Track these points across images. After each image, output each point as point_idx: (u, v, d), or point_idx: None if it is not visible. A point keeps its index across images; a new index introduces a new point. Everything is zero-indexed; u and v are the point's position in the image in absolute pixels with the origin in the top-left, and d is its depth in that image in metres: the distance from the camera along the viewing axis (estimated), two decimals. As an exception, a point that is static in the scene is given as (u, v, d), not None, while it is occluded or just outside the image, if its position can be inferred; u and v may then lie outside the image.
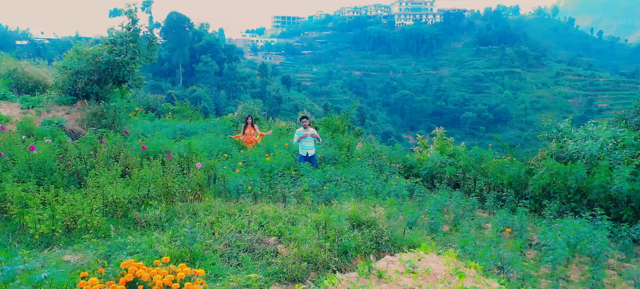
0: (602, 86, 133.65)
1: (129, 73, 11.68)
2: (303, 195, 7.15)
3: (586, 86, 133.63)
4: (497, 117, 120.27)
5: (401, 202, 8.13)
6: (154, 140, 8.99)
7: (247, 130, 12.69)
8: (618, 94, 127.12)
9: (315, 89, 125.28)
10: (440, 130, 13.21)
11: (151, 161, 7.23)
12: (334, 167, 10.69)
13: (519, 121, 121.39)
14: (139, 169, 6.94)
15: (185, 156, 7.88)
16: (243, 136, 12.55)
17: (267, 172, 9.84)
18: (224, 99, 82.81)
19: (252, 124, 12.77)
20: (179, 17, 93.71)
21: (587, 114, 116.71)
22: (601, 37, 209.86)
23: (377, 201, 6.40)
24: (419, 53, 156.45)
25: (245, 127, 12.77)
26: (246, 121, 12.84)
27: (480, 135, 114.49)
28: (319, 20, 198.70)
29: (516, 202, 8.36)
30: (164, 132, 13.79)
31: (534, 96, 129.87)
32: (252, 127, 12.72)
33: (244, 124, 12.90)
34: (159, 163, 6.90)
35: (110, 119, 10.81)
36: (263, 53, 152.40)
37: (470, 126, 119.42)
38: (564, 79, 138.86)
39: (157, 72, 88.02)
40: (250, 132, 12.63)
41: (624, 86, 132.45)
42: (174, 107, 19.48)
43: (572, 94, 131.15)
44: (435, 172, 10.54)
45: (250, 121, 12.79)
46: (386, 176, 9.89)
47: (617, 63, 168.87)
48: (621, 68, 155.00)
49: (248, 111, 16.30)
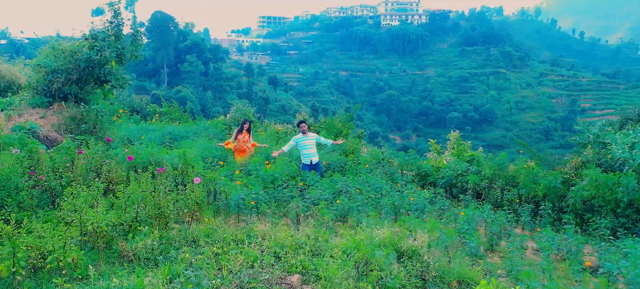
0: (584, 86, 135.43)
1: (111, 72, 10.45)
2: (321, 214, 6.10)
3: (569, 86, 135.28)
4: (482, 117, 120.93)
5: (424, 217, 7.15)
6: (142, 149, 7.81)
7: (240, 136, 10.99)
8: (600, 94, 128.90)
9: (302, 89, 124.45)
10: (456, 133, 12.09)
11: (139, 174, 6.10)
12: (343, 176, 9.67)
13: (504, 120, 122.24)
14: (126, 185, 5.81)
15: (179, 168, 6.75)
16: (235, 144, 10.90)
17: (269, 182, 8.77)
18: (211, 100, 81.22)
19: (248, 130, 11.10)
20: (164, 16, 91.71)
21: (571, 114, 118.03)
22: (583, 38, 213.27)
23: (414, 223, 5.39)
24: (405, 53, 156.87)
25: (239, 133, 11.03)
26: (242, 126, 11.09)
27: (466, 135, 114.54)
28: (305, 20, 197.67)
29: (554, 217, 7.45)
30: (152, 137, 12.59)
31: (518, 96, 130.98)
32: (247, 133, 11.08)
33: (238, 130, 11.13)
34: (148, 177, 5.78)
35: (91, 123, 9.58)
36: (249, 53, 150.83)
37: (456, 126, 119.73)
38: (547, 79, 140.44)
39: (141, 72, 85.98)
40: (244, 139, 10.99)
41: (606, 86, 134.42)
42: (161, 110, 18.23)
43: (556, 94, 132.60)
44: (454, 181, 9.55)
45: (248, 126, 11.11)
46: (401, 186, 8.92)
47: (598, 64, 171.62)
48: (602, 68, 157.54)
49: (242, 114, 15.15)
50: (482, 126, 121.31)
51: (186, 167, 6.69)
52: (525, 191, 8.26)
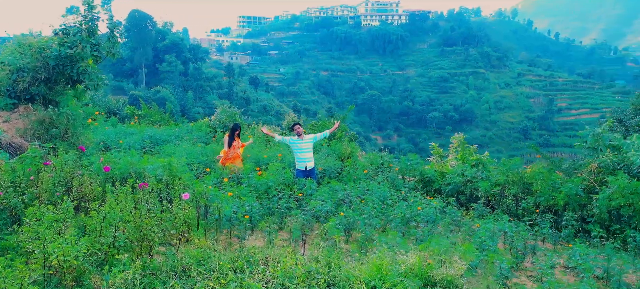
0: (561, 86, 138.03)
1: (86, 71, 9.41)
2: (330, 233, 5.32)
3: (546, 86, 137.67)
4: (462, 117, 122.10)
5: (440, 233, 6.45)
6: (120, 157, 6.87)
7: (234, 143, 9.97)
8: (576, 94, 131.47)
9: (283, 89, 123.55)
10: (460, 136, 11.39)
11: (118, 187, 5.22)
12: (341, 183, 8.93)
13: (484, 120, 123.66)
14: (101, 202, 4.93)
15: (164, 181, 5.86)
16: (229, 151, 9.94)
17: (262, 192, 7.97)
18: (191, 100, 79.50)
19: (238, 135, 10.15)
20: (141, 15, 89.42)
21: (548, 113, 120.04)
22: (558, 39, 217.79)
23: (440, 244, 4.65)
24: (386, 53, 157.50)
25: (232, 140, 10.01)
26: (233, 133, 10.12)
27: (446, 135, 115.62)
28: (286, 20, 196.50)
29: (578, 228, 6.84)
30: (131, 141, 11.60)
31: (497, 96, 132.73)
32: (238, 139, 10.13)
33: (229, 137, 10.13)
34: (128, 192, 4.91)
35: (62, 128, 8.56)
36: (229, 53, 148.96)
37: (436, 125, 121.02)
38: (525, 79, 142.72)
39: (118, 72, 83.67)
40: (238, 145, 10.09)
41: (582, 86, 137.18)
42: (140, 112, 17.14)
43: (533, 94, 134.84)
44: (462, 188, 8.88)
45: (239, 131, 10.20)
46: (404, 193, 8.22)
47: (573, 64, 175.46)
48: (577, 69, 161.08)
49: (227, 116, 14.25)
50: (462, 126, 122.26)
51: (172, 179, 5.82)
52: (543, 199, 7.64)
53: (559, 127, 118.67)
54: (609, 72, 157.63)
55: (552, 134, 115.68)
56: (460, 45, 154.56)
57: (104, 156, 6.26)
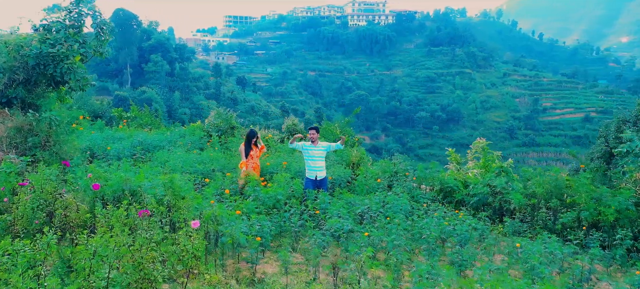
0: (545, 85, 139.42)
1: (71, 70, 8.39)
2: (366, 266, 4.50)
3: (531, 85, 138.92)
4: (449, 117, 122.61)
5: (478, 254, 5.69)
6: (111, 171, 5.91)
7: (252, 152, 8.85)
8: (561, 94, 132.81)
9: (270, 89, 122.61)
10: (482, 141, 10.49)
11: (109, 210, 4.33)
12: (353, 194, 8.12)
13: (471, 120, 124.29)
14: (90, 230, 4.04)
15: (165, 202, 4.94)
16: (248, 163, 8.77)
17: (270, 206, 7.12)
18: (177, 101, 77.93)
19: (255, 143, 9.02)
20: (126, 14, 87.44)
21: (533, 113, 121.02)
22: (542, 39, 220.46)
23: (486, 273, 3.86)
24: (373, 53, 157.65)
25: (249, 149, 8.90)
26: (249, 141, 8.95)
27: (434, 134, 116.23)
28: (272, 20, 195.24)
29: (629, 247, 6.13)
30: (119, 147, 10.61)
31: (483, 96, 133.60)
32: (255, 147, 9.00)
33: (245, 146, 8.96)
34: (122, 217, 4.03)
35: (43, 135, 7.57)
36: (215, 53, 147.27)
37: (424, 125, 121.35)
38: (510, 79, 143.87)
39: (103, 72, 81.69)
40: (256, 154, 8.96)
41: (566, 86, 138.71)
42: (129, 114, 16.07)
43: (519, 94, 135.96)
44: (490, 199, 8.10)
45: (256, 140, 9.01)
46: (427, 206, 7.44)
47: (557, 64, 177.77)
48: (561, 69, 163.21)
49: (222, 119, 13.30)
50: (449, 126, 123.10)
51: (175, 199, 4.92)
52: (588, 214, 6.91)
53: (544, 126, 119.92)
54: (591, 72, 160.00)
55: (538, 133, 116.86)
56: (446, 45, 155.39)
57: (92, 171, 5.35)
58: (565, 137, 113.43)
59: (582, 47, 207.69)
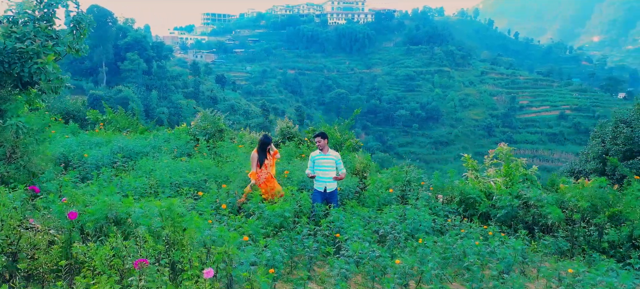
0: (522, 84, 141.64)
1: (43, 69, 7.24)
2: None
3: (508, 83, 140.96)
4: (428, 115, 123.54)
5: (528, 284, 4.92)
6: (91, 193, 4.80)
7: (266, 161, 7.81)
8: (537, 92, 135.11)
9: (250, 88, 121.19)
10: (505, 147, 9.64)
11: (91, 248, 3.36)
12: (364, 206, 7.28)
13: (449, 118, 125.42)
14: (65, 279, 3.07)
15: (163, 236, 3.93)
16: (260, 172, 7.74)
17: (278, 226, 6.23)
18: (155, 100, 75.75)
19: (269, 150, 7.92)
20: (101, 11, 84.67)
21: (510, 111, 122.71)
22: (517, 38, 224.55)
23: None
24: (352, 52, 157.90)
25: (264, 157, 7.82)
26: (263, 148, 7.89)
27: (413, 132, 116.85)
28: (251, 18, 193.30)
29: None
30: (98, 155, 9.56)
31: (462, 94, 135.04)
32: (269, 154, 7.92)
33: (259, 153, 7.88)
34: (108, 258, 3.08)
35: (9, 146, 6.46)
36: (193, 51, 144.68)
37: (403, 123, 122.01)
38: (488, 77, 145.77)
39: (77, 70, 78.88)
40: (270, 163, 7.90)
41: (542, 84, 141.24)
42: (106, 117, 14.86)
43: (496, 92, 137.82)
44: (521, 213, 7.30)
45: (270, 146, 7.96)
46: (451, 221, 6.67)
47: (532, 63, 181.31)
48: (536, 67, 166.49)
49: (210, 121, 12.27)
50: (429, 124, 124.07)
51: (175, 232, 3.93)
52: (639, 230, 6.21)
53: (521, 124, 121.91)
54: (566, 71, 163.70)
55: (515, 131, 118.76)
56: (425, 44, 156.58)
57: (67, 193, 4.31)
58: (542, 135, 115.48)
59: (556, 46, 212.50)
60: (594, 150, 15.68)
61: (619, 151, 13.56)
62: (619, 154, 13.52)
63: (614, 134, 14.90)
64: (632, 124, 15.03)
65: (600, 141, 15.88)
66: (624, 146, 13.46)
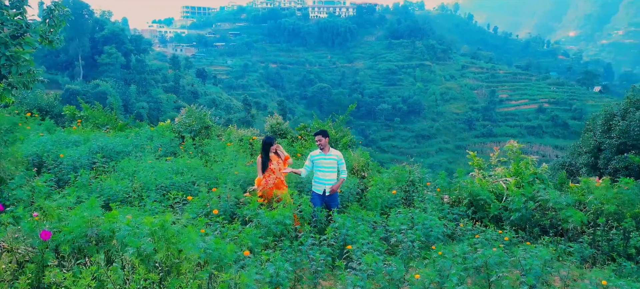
0: (501, 77, 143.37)
1: (15, 62, 6.51)
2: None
3: (488, 77, 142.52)
4: (410, 109, 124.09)
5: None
6: (73, 213, 3.94)
7: (271, 165, 7.18)
8: (516, 86, 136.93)
9: (231, 82, 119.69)
10: (514, 144, 9.15)
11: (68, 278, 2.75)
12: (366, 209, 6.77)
13: (431, 111, 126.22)
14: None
15: (158, 261, 3.26)
16: (266, 178, 7.13)
17: (277, 233, 5.68)
18: (134, 95, 73.81)
19: (276, 152, 7.35)
20: (77, 2, 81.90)
21: (491, 104, 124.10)
22: (496, 32, 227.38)
23: None
24: (334, 46, 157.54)
25: (268, 160, 7.19)
26: (267, 150, 7.27)
27: (395, 126, 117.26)
28: (232, 11, 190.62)
29: None
30: (76, 155, 8.82)
31: (443, 88, 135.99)
32: (276, 156, 7.35)
33: (263, 157, 7.30)
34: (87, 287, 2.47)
35: (-26, 147, 5.75)
36: (173, 45, 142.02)
37: (385, 117, 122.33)
38: (468, 71, 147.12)
39: (51, 64, 76.25)
40: (278, 166, 7.27)
41: (520, 78, 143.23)
42: (83, 113, 13.98)
43: (477, 86, 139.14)
44: (537, 216, 6.84)
45: (276, 147, 7.35)
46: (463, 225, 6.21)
47: (510, 57, 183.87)
48: (515, 61, 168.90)
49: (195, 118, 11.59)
50: (410, 117, 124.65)
51: (170, 256, 3.28)
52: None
53: (501, 117, 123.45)
54: (543, 65, 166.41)
55: (495, 124, 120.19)
56: (406, 38, 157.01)
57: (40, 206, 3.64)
58: (521, 128, 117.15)
59: (534, 41, 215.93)
60: (587, 143, 15.43)
61: (613, 144, 13.35)
62: (613, 148, 13.30)
63: (607, 127, 14.73)
64: (626, 117, 14.88)
65: (593, 134, 15.62)
66: (618, 139, 13.27)
